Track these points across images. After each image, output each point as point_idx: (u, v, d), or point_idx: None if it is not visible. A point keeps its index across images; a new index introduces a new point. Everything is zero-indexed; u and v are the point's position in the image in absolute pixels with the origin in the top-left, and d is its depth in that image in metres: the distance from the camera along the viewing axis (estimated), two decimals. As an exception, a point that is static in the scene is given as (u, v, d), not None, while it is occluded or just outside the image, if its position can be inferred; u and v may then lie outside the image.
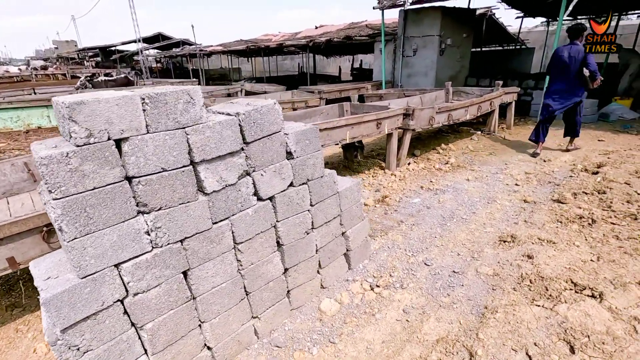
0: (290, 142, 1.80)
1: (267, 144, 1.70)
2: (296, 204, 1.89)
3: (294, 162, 1.84)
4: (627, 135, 5.79)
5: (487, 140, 5.89)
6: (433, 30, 8.66)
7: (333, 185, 2.10)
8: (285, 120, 3.95)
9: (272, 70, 25.71)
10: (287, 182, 1.83)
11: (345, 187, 2.20)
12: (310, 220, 1.99)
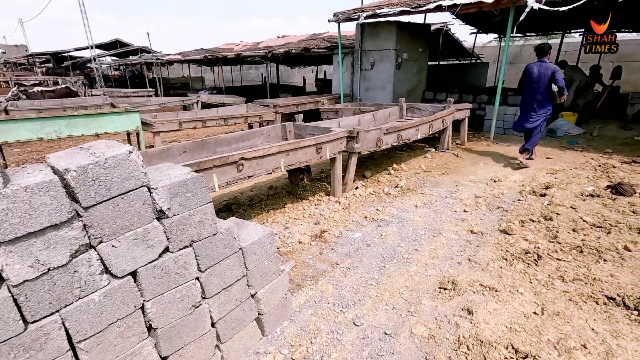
0: (160, 198, 1.39)
1: (120, 206, 1.27)
2: (175, 274, 1.47)
3: (168, 223, 1.43)
4: (573, 152, 5.85)
5: (441, 157, 5.74)
6: (389, 45, 8.57)
7: (233, 242, 1.70)
8: (216, 144, 3.53)
9: (236, 80, 25.11)
10: (158, 250, 1.41)
11: (252, 241, 1.81)
12: (199, 290, 1.57)
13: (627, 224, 3.24)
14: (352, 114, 6.82)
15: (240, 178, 2.89)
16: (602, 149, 6.01)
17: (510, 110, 7.22)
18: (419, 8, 6.66)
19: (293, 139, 4.31)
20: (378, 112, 5.84)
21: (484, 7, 6.17)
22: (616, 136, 6.83)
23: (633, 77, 12.98)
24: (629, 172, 4.69)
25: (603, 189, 4.13)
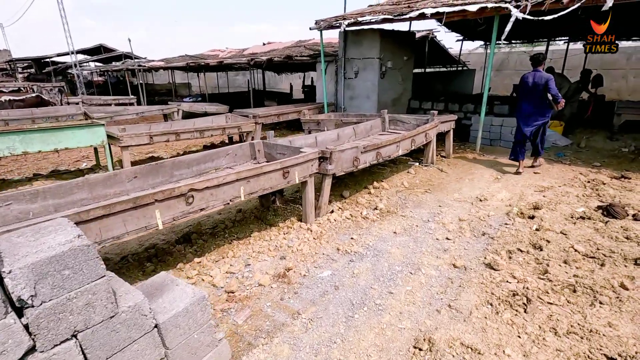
0: (18, 284, 1.01)
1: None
2: (48, 380, 1.09)
3: (34, 315, 1.05)
4: (562, 166, 5.60)
5: (425, 172, 5.43)
6: (373, 53, 8.29)
7: (143, 321, 1.33)
8: (174, 167, 3.13)
9: (223, 86, 24.66)
10: (16, 354, 1.02)
11: (176, 312, 1.44)
12: (90, 392, 1.19)
13: (622, 253, 2.95)
14: (334, 125, 6.50)
15: (191, 212, 2.51)
16: (590, 161, 5.78)
17: (497, 121, 6.98)
18: (401, 16, 6.39)
19: (263, 158, 3.95)
20: (359, 126, 5.52)
21: (467, 16, 5.92)
22: (603, 147, 6.63)
23: (616, 84, 12.98)
24: (619, 189, 4.44)
25: (594, 209, 3.85)
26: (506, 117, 7.80)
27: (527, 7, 5.13)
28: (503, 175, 5.26)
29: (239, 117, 8.01)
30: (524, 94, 5.19)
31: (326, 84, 9.36)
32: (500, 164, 5.83)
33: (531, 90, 5.06)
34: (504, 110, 7.94)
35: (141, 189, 3.10)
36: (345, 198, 4.35)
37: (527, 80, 5.11)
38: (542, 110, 5.13)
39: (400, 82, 8.98)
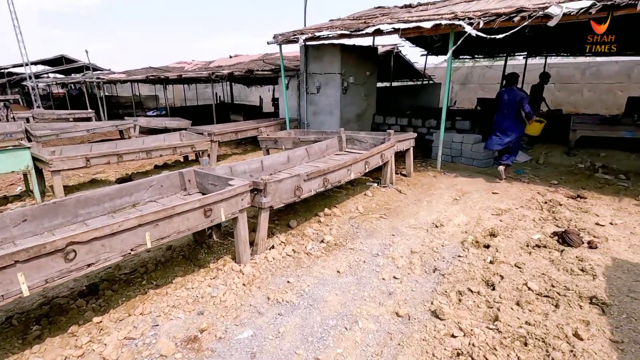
0: None
1: None
2: None
3: None
4: (520, 185, 5.46)
5: (383, 194, 5.15)
6: (334, 68, 8.06)
7: None
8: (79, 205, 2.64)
9: (192, 99, 23.95)
10: None
11: None
12: None
13: (577, 290, 2.71)
14: (291, 144, 6.15)
15: (73, 270, 2.04)
16: (549, 179, 5.69)
17: (457, 137, 6.85)
18: (358, 32, 6.18)
19: (194, 189, 3.51)
20: (313, 146, 5.18)
21: (423, 32, 5.78)
22: (561, 163, 6.61)
23: (572, 98, 13.44)
24: (575, 211, 4.30)
25: (550, 236, 3.65)
26: (467, 132, 7.72)
27: (480, 25, 5.01)
28: (462, 196, 5.04)
29: (193, 134, 7.51)
30: (500, 109, 5.60)
31: (289, 99, 9.05)
32: (460, 183, 5.64)
33: (506, 106, 5.49)
34: (465, 126, 7.87)
35: (33, 234, 2.60)
36: (292, 228, 3.96)
37: (503, 97, 5.55)
38: (515, 124, 5.56)
39: (364, 97, 8.79)
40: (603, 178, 5.69)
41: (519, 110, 5.40)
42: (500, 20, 4.90)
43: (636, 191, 5.07)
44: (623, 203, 4.62)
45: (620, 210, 4.33)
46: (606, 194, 4.96)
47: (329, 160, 5.07)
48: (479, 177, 5.92)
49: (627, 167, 6.19)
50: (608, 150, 6.89)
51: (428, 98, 13.58)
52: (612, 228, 3.83)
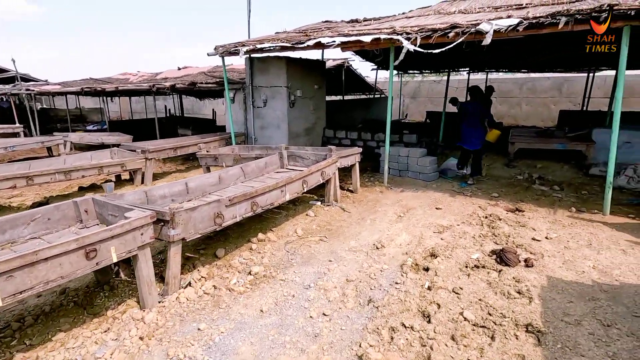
0: None
1: None
2: None
3: None
4: (463, 199, 5.43)
5: (326, 214, 4.85)
6: (280, 81, 7.79)
7: None
8: None
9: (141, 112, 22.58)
10: None
11: None
12: None
13: (513, 317, 2.54)
14: (232, 160, 5.71)
15: None
16: (490, 192, 5.74)
17: (404, 151, 6.78)
18: (300, 44, 5.96)
19: (94, 220, 2.97)
20: (250, 164, 4.79)
21: (364, 46, 5.68)
22: (502, 175, 6.76)
23: (513, 111, 14.26)
24: (514, 226, 4.27)
25: (489, 254, 3.53)
26: (414, 146, 7.73)
27: (417, 40, 4.97)
28: (406, 213, 4.89)
29: (125, 151, 6.82)
30: (465, 119, 6.07)
31: (236, 112, 8.62)
32: (405, 198, 5.51)
33: (471, 115, 5.99)
34: (412, 140, 7.89)
35: None
36: (218, 258, 3.52)
37: (467, 108, 6.10)
38: (479, 132, 6.07)
39: (313, 111, 8.57)
40: (540, 189, 5.84)
41: (483, 119, 6.02)
42: (436, 35, 4.89)
43: (569, 202, 5.22)
44: (557, 215, 4.69)
45: (555, 223, 4.37)
46: (542, 206, 5.04)
47: (267, 179, 4.70)
48: (424, 192, 5.84)
49: (560, 177, 6.44)
50: (544, 162, 7.18)
51: (380, 111, 13.74)
52: (547, 243, 3.80)
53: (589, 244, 3.76)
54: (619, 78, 4.24)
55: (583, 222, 4.42)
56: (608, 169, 4.51)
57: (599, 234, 4.04)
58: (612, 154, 4.46)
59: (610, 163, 4.48)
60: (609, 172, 4.50)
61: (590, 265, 3.32)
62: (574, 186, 5.94)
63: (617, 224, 4.35)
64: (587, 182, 6.11)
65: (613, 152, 4.46)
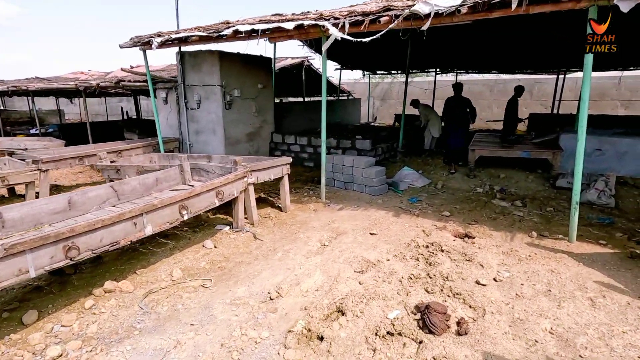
0: None
1: None
2: None
3: None
4: (407, 219, 4.45)
5: (231, 243, 3.79)
6: (213, 79, 6.69)
7: None
8: None
9: (103, 114, 21.06)
10: None
11: None
12: None
13: None
14: (135, 172, 4.58)
15: None
16: (442, 209, 4.78)
17: (348, 160, 5.77)
18: (216, 33, 4.89)
19: None
20: (129, 182, 3.68)
21: (293, 36, 4.66)
22: (460, 187, 5.83)
23: (484, 114, 13.50)
24: (457, 260, 3.29)
25: (412, 311, 2.53)
26: (368, 153, 6.76)
27: (346, 27, 3.97)
28: (334, 240, 3.87)
29: (17, 161, 5.59)
30: (451, 112, 6.50)
31: (169, 115, 7.47)
32: (341, 218, 4.50)
33: (456, 108, 6.47)
34: (365, 146, 6.91)
35: None
36: (25, 326, 2.40)
37: (451, 102, 6.52)
38: (464, 122, 6.56)
39: (256, 113, 7.50)
40: (499, 206, 4.92)
41: (466, 111, 6.47)
42: (368, 20, 3.89)
43: (530, 222, 4.30)
44: (515, 242, 3.75)
45: (509, 255, 3.42)
46: (499, 228, 4.10)
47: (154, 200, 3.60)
48: (365, 210, 4.84)
49: (524, 190, 5.55)
50: (507, 170, 6.29)
51: (347, 114, 12.78)
52: (495, 288, 2.83)
53: (548, 290, 2.81)
54: (585, 73, 3.32)
55: (544, 252, 3.49)
56: (574, 186, 3.59)
57: (562, 271, 3.10)
58: (577, 166, 3.54)
59: (577, 179, 3.56)
60: (574, 189, 3.58)
61: (547, 328, 2.35)
62: (538, 201, 5.04)
63: (585, 255, 3.43)
64: (554, 196, 5.23)
65: (579, 164, 3.54)
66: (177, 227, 4.04)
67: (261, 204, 5.15)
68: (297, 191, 5.81)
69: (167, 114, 7.51)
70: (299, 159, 7.64)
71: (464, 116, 6.45)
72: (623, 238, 3.84)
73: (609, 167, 5.82)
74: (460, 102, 6.47)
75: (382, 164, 7.34)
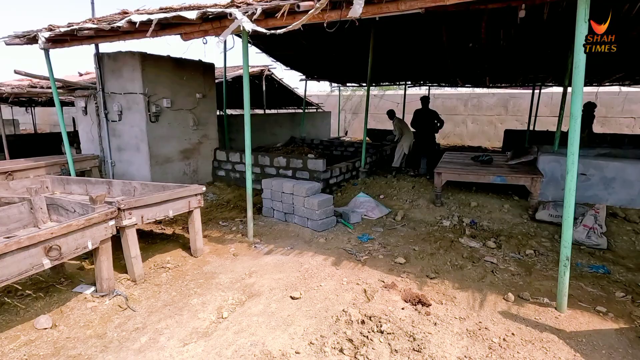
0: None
1: None
2: None
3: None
4: (348, 270, 3.33)
5: (85, 317, 2.57)
6: (135, 86, 5.51)
7: None
8: None
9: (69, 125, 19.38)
10: None
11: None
12: None
13: None
14: None
15: None
16: (396, 254, 3.69)
17: (288, 187, 4.64)
18: (110, 24, 3.74)
19: None
20: None
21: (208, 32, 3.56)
22: (424, 219, 4.78)
23: (458, 129, 12.76)
24: (401, 349, 2.18)
25: None
26: (321, 176, 5.68)
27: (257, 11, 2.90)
28: (241, 305, 2.72)
29: None
30: (420, 123, 7.04)
31: (89, 127, 6.21)
32: (262, 269, 3.33)
33: (424, 119, 6.98)
34: (318, 166, 5.82)
35: None
36: None
37: (420, 114, 7.05)
38: (432, 133, 7.17)
39: (194, 127, 6.32)
40: (468, 247, 3.87)
41: (434, 122, 7.03)
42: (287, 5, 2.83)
43: (506, 273, 3.26)
44: (485, 309, 2.68)
45: (476, 339, 2.33)
46: (465, 285, 3.04)
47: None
48: (300, 253, 3.71)
49: (498, 223, 4.55)
50: (480, 196, 5.32)
51: (315, 128, 11.77)
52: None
53: (535, 423, 1.71)
54: (576, 78, 2.35)
55: (525, 330, 2.42)
56: (563, 234, 2.57)
57: (553, 373, 2.03)
58: (567, 209, 2.53)
59: (566, 225, 2.54)
60: (564, 238, 2.56)
61: None
62: (515, 240, 4.03)
63: (581, 335, 2.39)
64: (533, 232, 4.24)
65: (570, 205, 2.53)
66: (10, 289, 2.79)
67: (171, 243, 3.95)
68: (226, 224, 4.63)
69: (87, 127, 6.25)
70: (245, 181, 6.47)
71: (431, 126, 7.07)
72: (626, 300, 2.83)
73: (594, 195, 4.92)
74: (428, 114, 7.03)
75: (340, 186, 6.29)
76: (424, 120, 7.03)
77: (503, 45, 7.39)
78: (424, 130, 7.08)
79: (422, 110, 7.08)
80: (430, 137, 7.19)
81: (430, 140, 7.24)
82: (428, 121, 7.02)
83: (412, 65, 9.06)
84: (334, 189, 6.11)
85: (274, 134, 10.25)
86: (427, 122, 7.03)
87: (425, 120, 7.03)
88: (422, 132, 7.10)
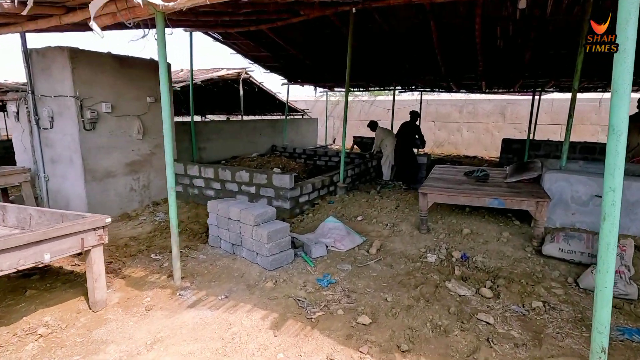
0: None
1: None
2: None
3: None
4: (290, 335, 2.39)
5: None
6: (65, 88, 4.62)
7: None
8: None
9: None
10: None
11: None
12: None
13: None
14: None
15: None
16: (361, 306, 2.77)
17: (234, 212, 3.69)
18: (-9, 8, 2.84)
19: None
20: None
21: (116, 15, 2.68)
22: (404, 251, 3.85)
23: (453, 137, 11.89)
24: None
25: None
26: (290, 194, 4.78)
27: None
28: None
29: None
30: (404, 136, 7.06)
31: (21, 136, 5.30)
32: (172, 334, 2.40)
33: (406, 134, 7.06)
34: (284, 183, 4.91)
35: None
36: None
37: (405, 127, 7.12)
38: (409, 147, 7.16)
39: (139, 136, 5.41)
40: (458, 296, 2.95)
41: (414, 137, 7.03)
42: None
43: (506, 343, 2.33)
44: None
45: None
46: (449, 369, 2.10)
47: None
48: (234, 306, 2.78)
49: (496, 258, 3.62)
50: (473, 220, 4.41)
51: (300, 135, 10.90)
52: None
53: None
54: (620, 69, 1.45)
55: None
56: (595, 315, 1.65)
57: None
58: (604, 272, 1.62)
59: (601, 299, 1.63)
60: (596, 321, 1.64)
61: None
62: (518, 285, 3.11)
63: None
64: (541, 273, 3.31)
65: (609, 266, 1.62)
66: None
67: (75, 287, 3.02)
68: (159, 257, 3.70)
69: (19, 135, 5.34)
70: (204, 197, 5.58)
71: (410, 141, 7.05)
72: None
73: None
74: (410, 128, 7.01)
75: (314, 204, 5.37)
76: (404, 133, 7.04)
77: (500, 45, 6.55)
78: (402, 144, 7.05)
79: (407, 124, 7.07)
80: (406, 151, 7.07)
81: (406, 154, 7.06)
82: (408, 135, 6.99)
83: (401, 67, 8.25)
84: (305, 208, 5.20)
85: (252, 142, 9.37)
86: (407, 136, 7.00)
87: (406, 134, 7.00)
88: (401, 145, 7.05)
